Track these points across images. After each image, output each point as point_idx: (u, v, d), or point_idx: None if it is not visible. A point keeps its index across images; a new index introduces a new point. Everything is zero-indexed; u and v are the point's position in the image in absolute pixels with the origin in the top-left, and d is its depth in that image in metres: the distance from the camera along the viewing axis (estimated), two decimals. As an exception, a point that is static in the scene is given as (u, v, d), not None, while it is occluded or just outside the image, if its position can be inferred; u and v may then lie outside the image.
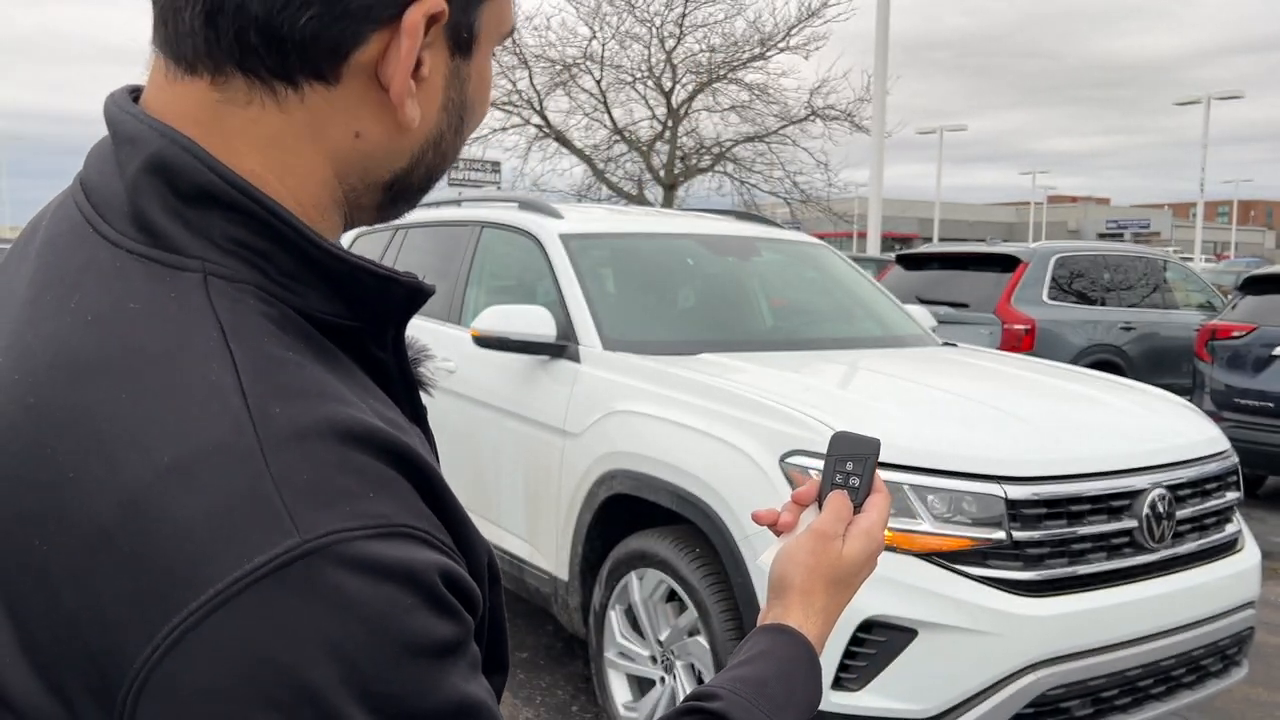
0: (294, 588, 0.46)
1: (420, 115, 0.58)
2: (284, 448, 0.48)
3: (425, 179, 0.63)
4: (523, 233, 3.84)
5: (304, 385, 0.52)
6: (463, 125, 0.62)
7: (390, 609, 0.48)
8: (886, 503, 0.88)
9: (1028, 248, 7.91)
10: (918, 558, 2.42)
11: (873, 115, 14.74)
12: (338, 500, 0.48)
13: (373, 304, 0.59)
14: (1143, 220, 61.07)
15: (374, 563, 0.48)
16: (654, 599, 2.92)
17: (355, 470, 0.50)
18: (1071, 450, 2.67)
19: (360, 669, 0.46)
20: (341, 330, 0.58)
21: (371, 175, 0.60)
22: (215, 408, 0.49)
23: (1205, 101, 33.47)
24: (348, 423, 0.51)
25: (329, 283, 0.57)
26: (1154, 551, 2.69)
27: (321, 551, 0.46)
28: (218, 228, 0.54)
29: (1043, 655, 2.42)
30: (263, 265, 0.55)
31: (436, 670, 0.50)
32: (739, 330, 3.87)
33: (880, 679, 2.38)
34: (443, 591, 0.51)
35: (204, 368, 0.50)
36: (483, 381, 3.62)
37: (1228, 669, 2.92)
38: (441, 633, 0.50)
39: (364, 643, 0.47)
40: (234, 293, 0.54)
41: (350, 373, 0.57)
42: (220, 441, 0.48)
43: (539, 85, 15.04)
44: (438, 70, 0.59)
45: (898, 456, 2.50)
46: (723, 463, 2.67)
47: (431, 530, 0.52)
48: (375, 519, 0.49)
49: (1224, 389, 6.58)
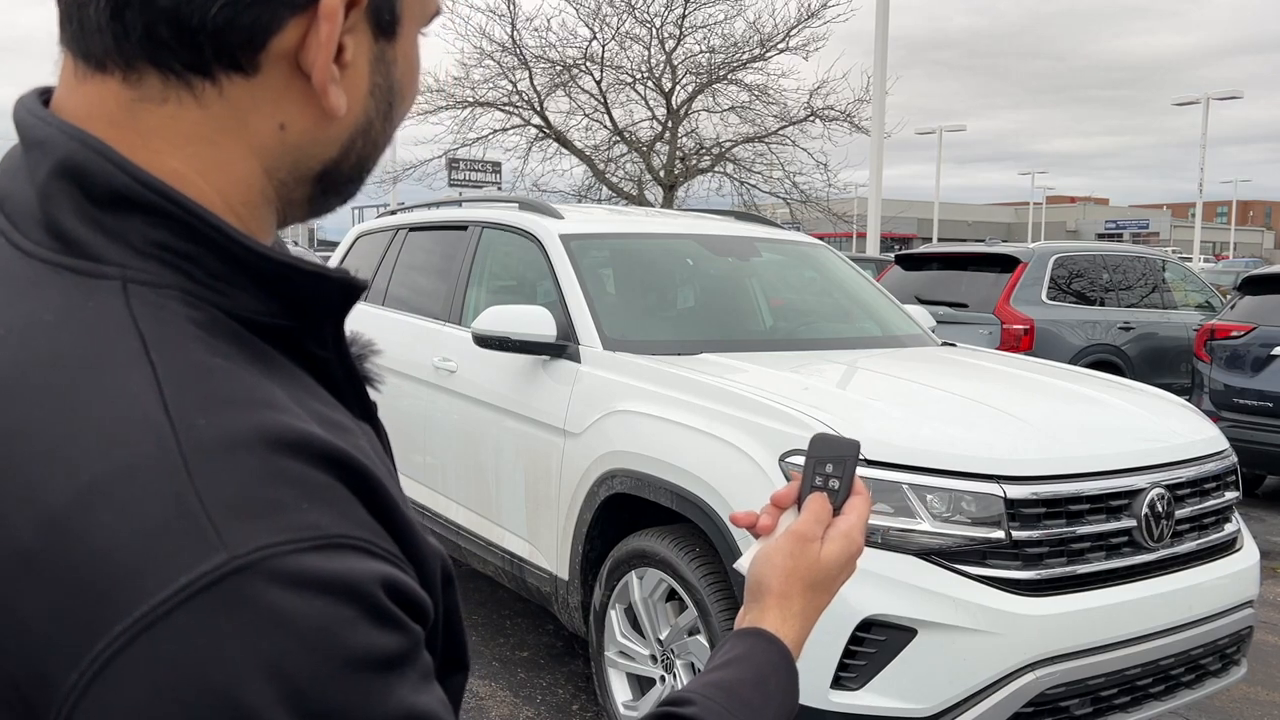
0: (224, 606, 0.44)
1: (346, 102, 0.56)
2: (209, 461, 0.46)
3: (356, 169, 0.60)
4: (523, 233, 3.85)
5: (231, 393, 0.49)
6: (392, 111, 0.60)
7: (328, 624, 0.46)
8: (866, 505, 0.86)
9: (1027, 248, 7.91)
10: (917, 557, 2.43)
11: (872, 116, 14.75)
12: (268, 513, 0.46)
13: (306, 302, 0.57)
14: (1141, 220, 61.08)
15: (309, 577, 0.46)
16: (654, 598, 2.92)
17: (287, 480, 0.48)
18: (1070, 450, 2.67)
19: (299, 687, 0.45)
20: (278, 331, 0.56)
21: (301, 168, 0.58)
22: (136, 422, 0.47)
23: (1204, 102, 33.48)
24: (279, 430, 0.49)
25: (259, 283, 0.55)
26: (1153, 551, 2.70)
27: (252, 567, 0.45)
28: (137, 232, 0.52)
29: (1042, 654, 2.43)
30: (188, 269, 0.53)
31: (382, 684, 0.48)
32: (739, 330, 3.88)
33: (880, 678, 2.39)
34: (385, 603, 0.49)
35: (124, 380, 0.48)
36: (483, 381, 3.63)
37: (1226, 668, 2.93)
38: (385, 645, 0.49)
39: (302, 660, 0.45)
40: (156, 299, 0.51)
41: (289, 374, 0.56)
42: (142, 457, 0.46)
43: (539, 86, 15.04)
44: (361, 55, 0.56)
45: (897, 456, 2.51)
46: (722, 462, 2.67)
47: (373, 538, 0.50)
48: (309, 531, 0.47)
49: (1223, 389, 6.59)
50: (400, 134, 25.91)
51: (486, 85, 15.00)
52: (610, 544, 3.07)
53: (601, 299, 3.52)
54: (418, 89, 0.62)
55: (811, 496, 0.84)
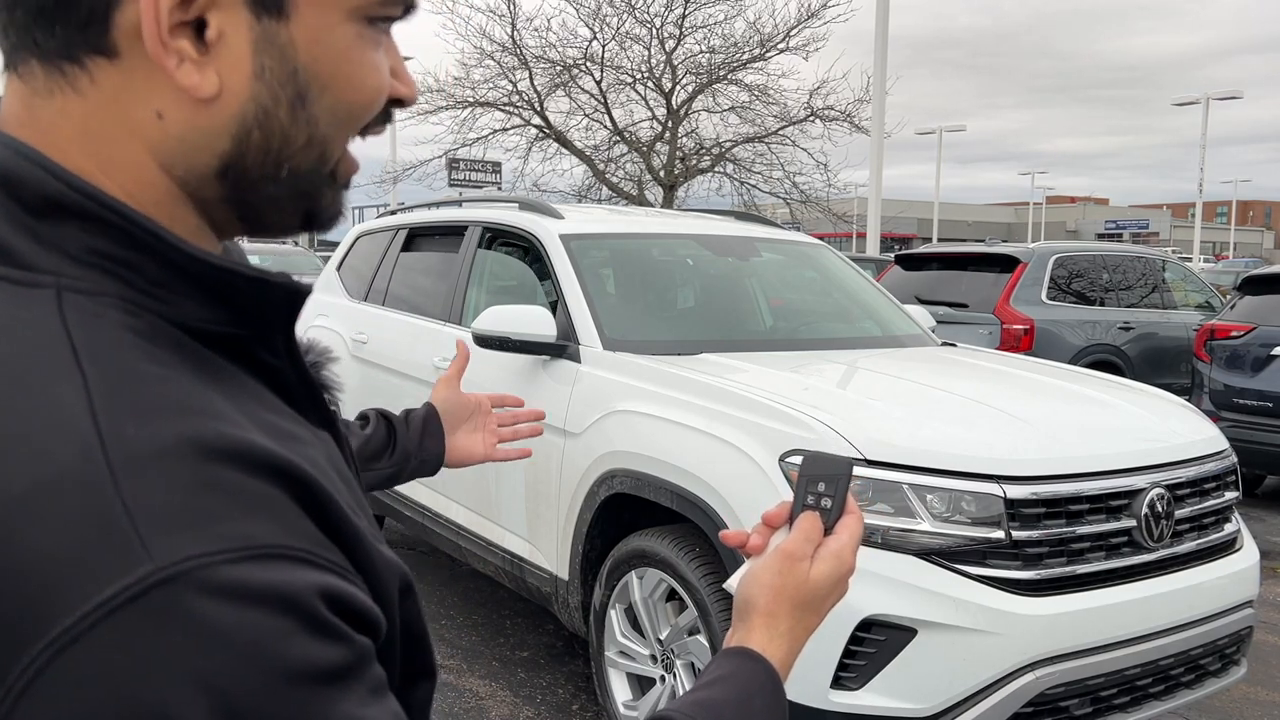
0: (151, 619, 0.43)
1: (218, 85, 0.52)
2: (138, 471, 0.45)
3: (267, 165, 0.55)
4: (523, 233, 3.85)
5: (164, 402, 0.48)
6: (306, 100, 0.54)
7: (262, 636, 0.44)
8: (858, 525, 0.85)
9: (1026, 248, 7.91)
10: (917, 557, 2.43)
11: (872, 116, 14.75)
12: (199, 522, 0.45)
13: (251, 309, 0.55)
14: (1141, 220, 61.08)
15: (241, 588, 0.44)
16: (654, 598, 2.92)
17: (221, 490, 0.46)
18: (1070, 450, 2.67)
19: (233, 702, 0.43)
20: (226, 339, 0.55)
21: (196, 163, 0.54)
22: (62, 433, 0.45)
23: (1204, 102, 33.48)
24: (214, 439, 0.47)
25: (202, 290, 0.53)
26: (1153, 551, 2.70)
27: (181, 578, 0.43)
28: (73, 240, 0.51)
29: (1042, 654, 2.43)
30: (127, 276, 0.51)
31: (323, 698, 0.46)
32: (739, 330, 3.88)
33: (879, 678, 2.39)
34: (324, 614, 0.47)
35: (52, 391, 0.46)
36: (483, 382, 3.63)
37: (1226, 668, 2.93)
38: (326, 657, 0.47)
39: (235, 673, 0.43)
40: (92, 307, 0.50)
41: (238, 383, 0.54)
42: (66, 469, 0.44)
43: (539, 86, 15.05)
44: (237, 33, 0.52)
45: (897, 456, 2.51)
46: (722, 462, 2.67)
47: (314, 549, 0.49)
48: (241, 540, 0.45)
49: (1222, 389, 6.59)
50: (400, 134, 25.84)
51: (486, 85, 15.01)
52: (610, 544, 3.07)
53: (601, 299, 3.52)
54: (373, 88, 0.56)
55: (803, 515, 0.83)
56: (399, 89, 0.58)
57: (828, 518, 0.83)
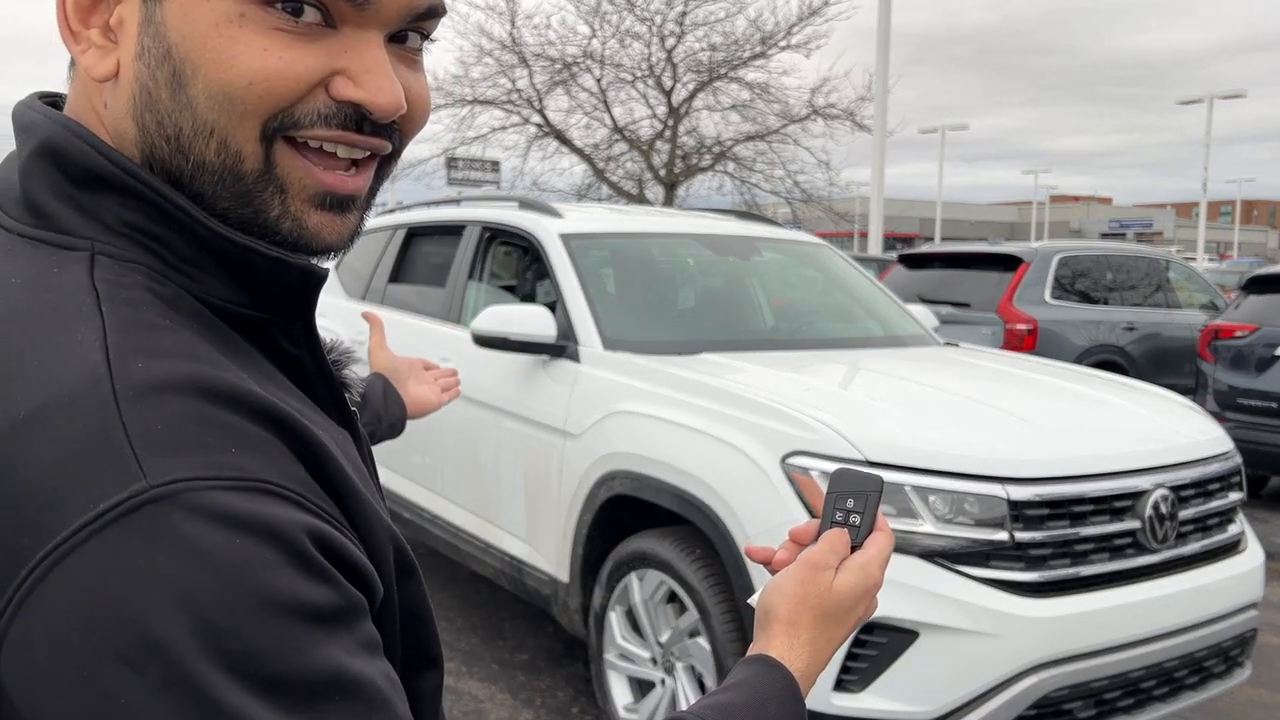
0: (140, 535, 0.44)
1: (114, 68, 0.55)
2: (140, 399, 0.47)
3: (174, 155, 0.55)
4: (522, 232, 3.83)
5: (172, 346, 0.51)
6: (181, 84, 0.53)
7: (247, 562, 0.45)
8: (888, 541, 0.84)
9: (1030, 247, 7.89)
10: (920, 559, 2.41)
11: (874, 114, 14.73)
12: (193, 451, 0.47)
13: (269, 289, 0.57)
14: (1145, 220, 61.04)
15: (228, 514, 0.46)
16: (654, 600, 2.90)
17: (217, 425, 0.48)
18: (1074, 451, 2.65)
19: (214, 622, 0.44)
20: (248, 322, 0.57)
21: (127, 151, 0.56)
22: (75, 362, 0.48)
23: (1208, 101, 33.42)
24: (215, 382, 0.50)
25: (225, 267, 0.56)
26: (1157, 552, 2.67)
27: (171, 499, 0.45)
28: (110, 211, 0.54)
29: (1045, 657, 2.41)
30: (158, 250, 0.55)
31: (306, 635, 0.47)
32: (740, 330, 3.86)
33: (882, 680, 2.37)
34: (312, 553, 0.48)
35: (71, 328, 0.50)
36: (483, 382, 3.61)
37: (1230, 670, 2.91)
38: (313, 596, 0.47)
39: (217, 595, 0.44)
40: (120, 269, 0.53)
41: (253, 361, 0.56)
42: (74, 392, 0.47)
43: (539, 84, 15.04)
44: (132, 17, 0.54)
45: (899, 457, 2.49)
46: (724, 463, 2.65)
47: (304, 493, 0.50)
48: (233, 471, 0.47)
49: (1227, 389, 6.56)
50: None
51: (486, 83, 15.00)
52: (610, 546, 3.05)
53: (601, 299, 3.50)
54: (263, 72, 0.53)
55: (830, 530, 0.82)
56: (343, 88, 0.55)
57: (856, 534, 0.82)
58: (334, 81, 0.55)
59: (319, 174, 0.56)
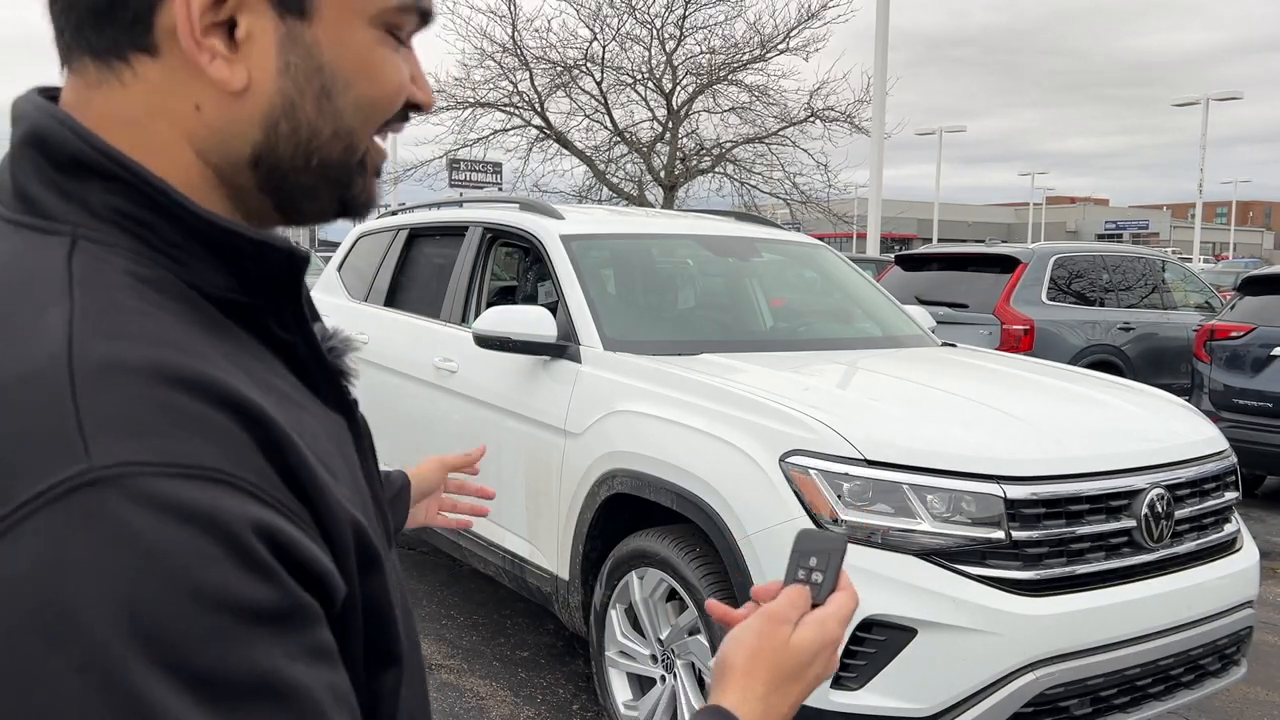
0: (76, 517, 0.44)
1: (247, 79, 0.57)
2: (96, 380, 0.47)
3: (297, 155, 0.60)
4: (524, 233, 3.85)
5: (138, 331, 0.51)
6: (330, 95, 0.59)
7: (183, 553, 0.45)
8: (850, 601, 0.81)
9: (1026, 248, 7.91)
10: (917, 557, 2.43)
11: (872, 116, 14.75)
12: (142, 434, 0.47)
13: (256, 272, 0.59)
14: (1142, 221, 61.04)
15: (169, 502, 0.45)
16: (654, 598, 2.93)
17: (172, 410, 0.48)
18: (1070, 450, 2.68)
19: (141, 615, 0.44)
20: (240, 308, 0.59)
21: (231, 152, 0.59)
22: (37, 342, 0.49)
23: (1204, 103, 33.45)
24: (177, 367, 0.50)
25: (213, 252, 0.57)
26: (1152, 551, 2.70)
27: (111, 482, 0.45)
28: (96, 197, 0.55)
29: (1041, 654, 2.43)
30: (143, 234, 0.56)
31: (239, 632, 0.46)
32: (739, 330, 3.88)
33: (879, 678, 2.39)
34: (256, 549, 0.47)
35: (40, 309, 0.51)
36: (484, 382, 3.63)
37: (1226, 668, 2.93)
38: (251, 594, 0.47)
39: (147, 587, 0.44)
40: (100, 252, 0.54)
41: (244, 346, 0.58)
42: (32, 371, 0.48)
43: (540, 87, 15.05)
44: (264, 32, 0.57)
45: (897, 456, 2.51)
46: (723, 463, 2.68)
47: (260, 484, 0.49)
48: (180, 458, 0.47)
49: (1222, 389, 6.59)
50: (401, 134, 25.87)
51: (487, 86, 15.01)
52: (611, 544, 3.07)
53: (602, 299, 3.52)
54: (390, 82, 0.62)
55: (791, 586, 0.81)
56: (416, 94, 0.64)
57: (817, 592, 0.80)
58: (410, 90, 0.64)
59: (382, 150, 0.66)
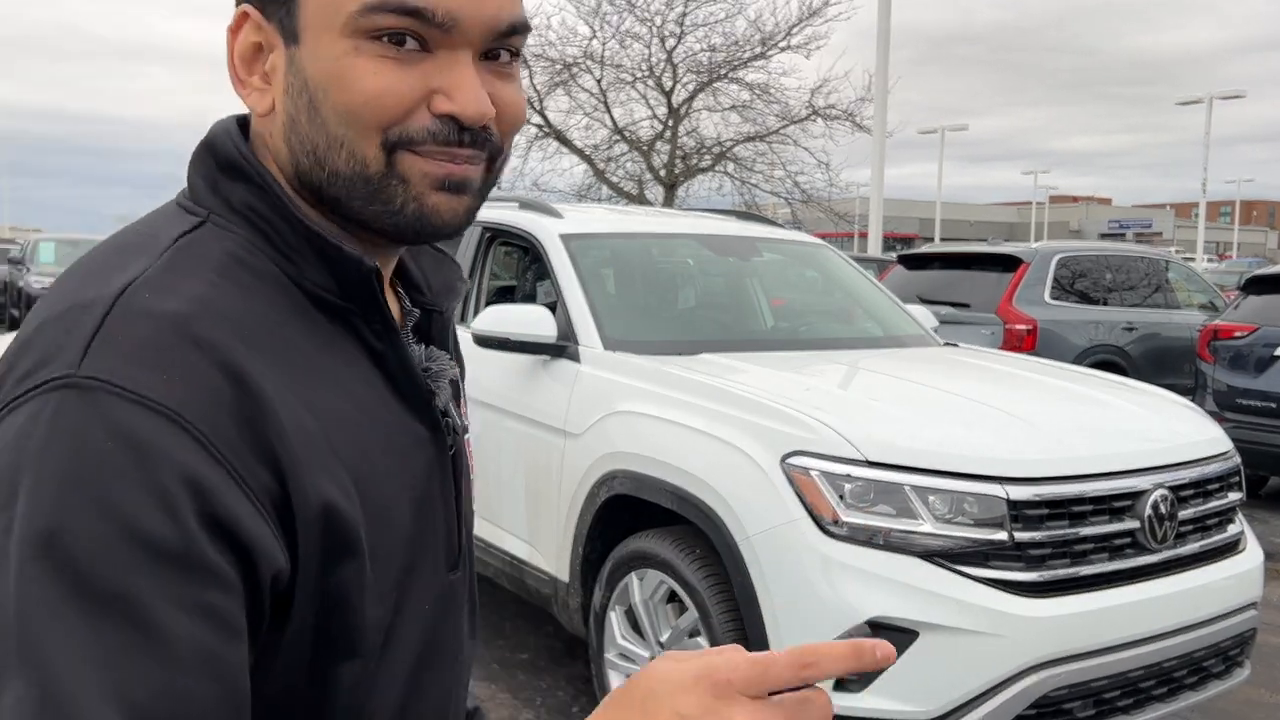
0: (49, 406, 0.54)
1: (271, 103, 0.67)
2: (122, 318, 0.58)
3: (314, 168, 0.67)
4: (523, 233, 3.84)
5: (185, 292, 0.60)
6: (316, 107, 0.65)
7: (103, 463, 0.53)
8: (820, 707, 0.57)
9: (1029, 248, 7.90)
10: (919, 558, 2.42)
11: (874, 114, 14.73)
12: (129, 363, 0.56)
13: (341, 276, 0.66)
14: (1145, 220, 61.04)
15: (114, 419, 0.54)
16: (654, 600, 2.91)
17: (165, 353, 0.57)
18: (1073, 451, 2.66)
19: (51, 497, 0.52)
20: (335, 309, 0.67)
21: (286, 167, 0.68)
22: (109, 283, 0.60)
23: (1207, 101, 33.42)
24: (195, 324, 0.58)
25: (315, 254, 0.66)
26: (1156, 552, 2.68)
27: (82, 389, 0.54)
28: (237, 195, 0.67)
29: (1045, 656, 2.41)
30: (268, 233, 0.66)
31: (123, 555, 0.51)
32: (740, 330, 3.87)
33: (882, 680, 2.38)
34: (171, 488, 0.53)
35: (136, 260, 0.62)
36: (483, 382, 3.61)
37: (1230, 670, 2.91)
38: (149, 525, 0.52)
39: (67, 480, 0.52)
40: (217, 235, 0.65)
41: (337, 346, 0.66)
42: (90, 300, 0.59)
43: (539, 85, 15.03)
44: (280, 63, 0.67)
45: (899, 457, 2.49)
46: (723, 463, 2.66)
47: (214, 439, 0.56)
48: (145, 390, 0.55)
49: (1226, 389, 6.57)
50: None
51: (486, 84, 14.96)
52: (610, 545, 3.06)
53: (602, 299, 3.51)
54: (372, 91, 0.64)
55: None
56: (439, 103, 0.65)
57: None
58: (434, 99, 0.65)
59: (435, 164, 0.66)
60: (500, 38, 0.67)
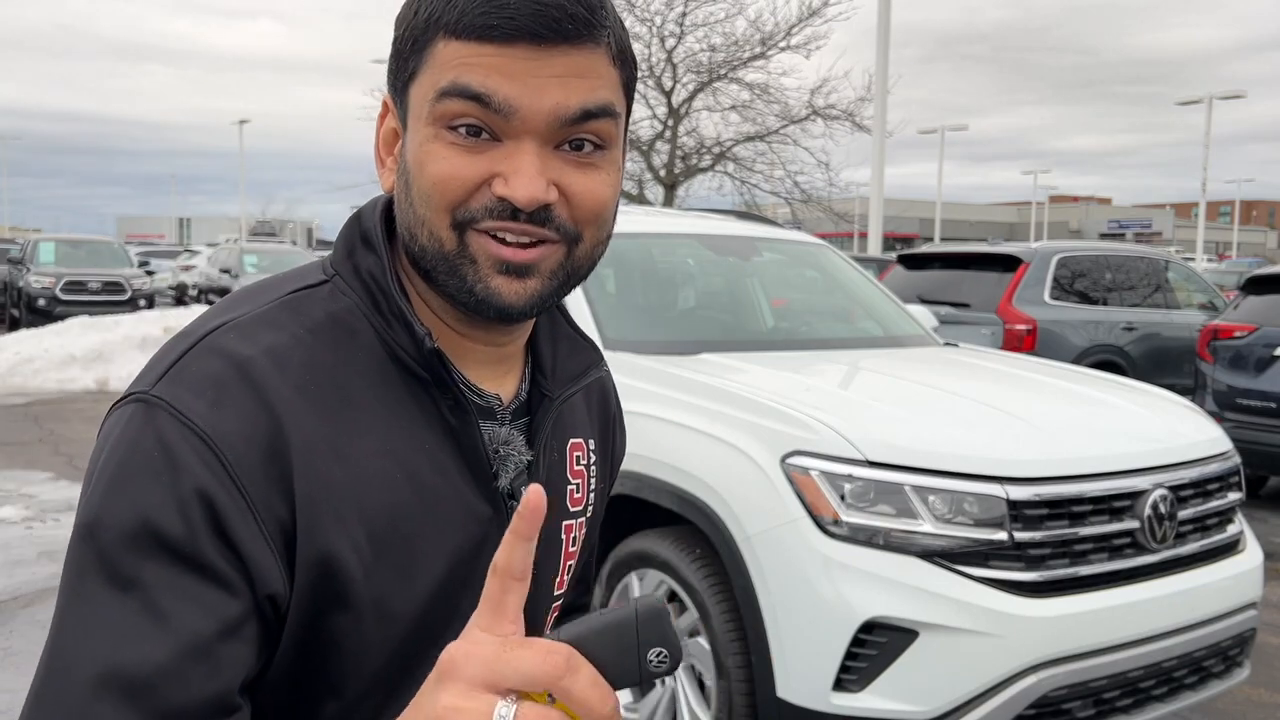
0: (128, 412, 0.68)
1: (390, 184, 0.78)
2: (202, 351, 0.70)
3: (411, 242, 0.75)
4: (523, 232, 3.83)
5: (264, 340, 0.71)
6: (409, 188, 0.73)
7: (145, 466, 0.64)
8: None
9: (1029, 248, 7.89)
10: (919, 558, 2.42)
11: (874, 114, 14.73)
12: (187, 388, 0.67)
13: (420, 356, 0.75)
14: (1144, 220, 61.02)
15: (159, 430, 0.66)
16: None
17: (220, 386, 0.68)
18: (1073, 451, 2.66)
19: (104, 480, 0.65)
20: (421, 378, 0.75)
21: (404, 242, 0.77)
22: (211, 321, 0.73)
23: (1207, 101, 33.41)
24: (254, 371, 0.69)
25: (402, 325, 0.75)
26: (1156, 552, 2.68)
27: (148, 403, 0.67)
28: (366, 264, 0.77)
29: (1044, 656, 2.41)
30: (377, 299, 0.75)
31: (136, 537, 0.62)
32: (740, 330, 3.87)
33: (881, 680, 2.38)
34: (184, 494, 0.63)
35: (245, 305, 0.74)
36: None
37: (1229, 670, 2.91)
38: (161, 518, 0.63)
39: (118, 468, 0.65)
40: (333, 296, 0.76)
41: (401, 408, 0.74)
42: (193, 331, 0.72)
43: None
44: (399, 145, 0.76)
45: (899, 457, 2.49)
46: (723, 463, 2.66)
47: (235, 465, 0.65)
48: (191, 412, 0.66)
49: (1226, 389, 6.57)
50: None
51: (487, 84, 14.96)
52: (610, 545, 3.06)
53: (602, 299, 3.51)
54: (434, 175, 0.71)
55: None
56: (498, 186, 0.71)
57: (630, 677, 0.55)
58: (494, 181, 0.71)
59: (497, 248, 0.72)
60: (571, 125, 0.70)
